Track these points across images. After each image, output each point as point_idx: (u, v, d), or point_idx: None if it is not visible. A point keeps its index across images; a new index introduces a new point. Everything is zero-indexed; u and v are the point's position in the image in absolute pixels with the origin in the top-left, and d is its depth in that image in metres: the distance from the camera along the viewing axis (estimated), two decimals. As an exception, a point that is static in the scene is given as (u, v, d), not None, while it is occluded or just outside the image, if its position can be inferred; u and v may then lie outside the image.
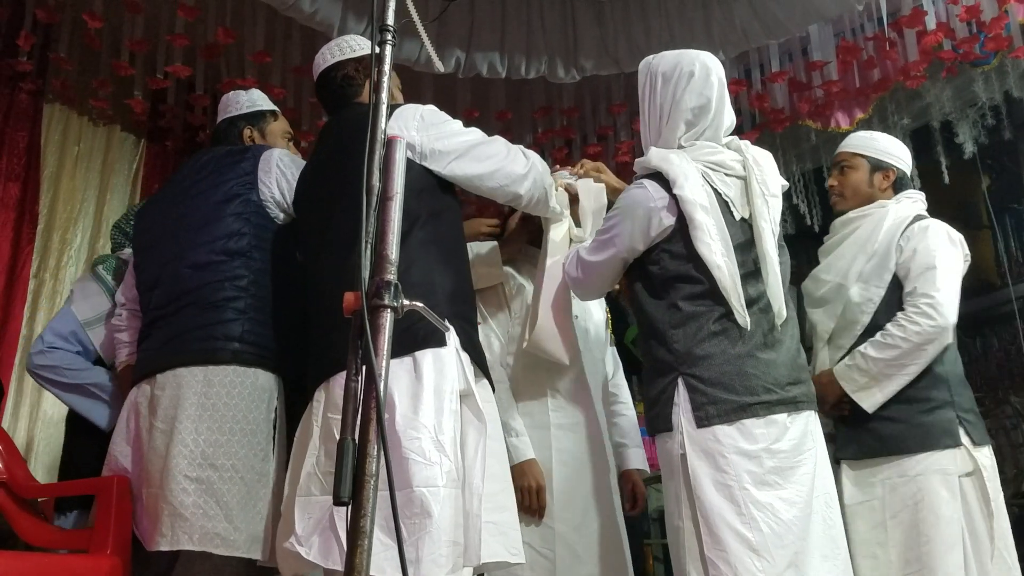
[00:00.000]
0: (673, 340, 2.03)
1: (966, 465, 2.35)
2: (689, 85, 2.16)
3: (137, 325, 2.37)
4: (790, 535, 1.89)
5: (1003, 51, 3.55)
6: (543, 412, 2.41)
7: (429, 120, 2.04)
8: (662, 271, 2.08)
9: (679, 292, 2.05)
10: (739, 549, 1.85)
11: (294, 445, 1.96)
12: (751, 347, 2.01)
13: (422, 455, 1.72)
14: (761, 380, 1.97)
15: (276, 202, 2.29)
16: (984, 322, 4.67)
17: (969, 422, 2.40)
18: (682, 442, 1.95)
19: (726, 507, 1.88)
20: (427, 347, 1.82)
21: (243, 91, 2.61)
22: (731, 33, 3.79)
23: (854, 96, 3.93)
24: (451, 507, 1.71)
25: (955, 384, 2.44)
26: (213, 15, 3.65)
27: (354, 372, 1.21)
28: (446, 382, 1.81)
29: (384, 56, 1.37)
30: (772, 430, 1.95)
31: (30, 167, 3.77)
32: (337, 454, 1.17)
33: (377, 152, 1.31)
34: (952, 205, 4.69)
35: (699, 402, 1.96)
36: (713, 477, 1.91)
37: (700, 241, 2.01)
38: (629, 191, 2.18)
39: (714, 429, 1.93)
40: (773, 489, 1.91)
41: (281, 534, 1.86)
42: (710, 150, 2.15)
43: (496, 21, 3.85)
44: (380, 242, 1.26)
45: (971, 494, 2.35)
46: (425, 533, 1.66)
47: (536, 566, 2.26)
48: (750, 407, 1.95)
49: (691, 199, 2.03)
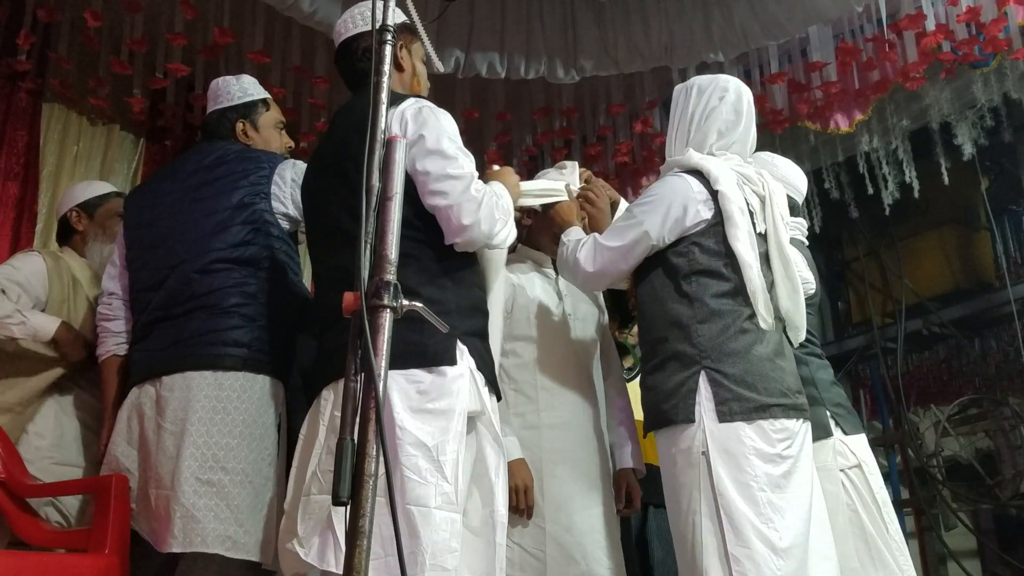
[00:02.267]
0: (698, 334, 2.06)
1: (847, 459, 2.43)
2: (724, 99, 2.29)
3: (128, 317, 2.32)
4: (798, 537, 1.94)
5: (1002, 53, 3.55)
6: (534, 412, 2.41)
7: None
8: (690, 264, 2.13)
9: (706, 288, 2.10)
10: (762, 548, 1.89)
11: (300, 444, 1.94)
12: (770, 352, 2.08)
13: (417, 473, 1.68)
14: (779, 384, 2.04)
15: (287, 215, 2.28)
16: (983, 323, 4.68)
17: (839, 415, 2.48)
18: (703, 439, 1.98)
19: (747, 507, 1.92)
20: (439, 364, 1.77)
21: (234, 78, 2.53)
22: (730, 34, 3.79)
23: (853, 97, 3.93)
24: (445, 531, 1.66)
25: (822, 386, 2.51)
26: (212, 14, 3.65)
27: (353, 372, 1.21)
28: (455, 403, 1.76)
29: (384, 56, 1.37)
30: (784, 434, 2.01)
31: (29, 166, 3.77)
32: (336, 454, 1.18)
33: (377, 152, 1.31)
34: (951, 206, 4.70)
35: (723, 397, 2.00)
36: (735, 476, 1.95)
37: (737, 239, 2.08)
38: (667, 180, 2.23)
39: (736, 426, 1.98)
40: (783, 492, 1.96)
41: (284, 534, 1.86)
42: (738, 163, 2.25)
43: (496, 21, 3.85)
44: (379, 242, 1.26)
45: (860, 486, 2.41)
46: (408, 553, 1.62)
47: (527, 567, 2.27)
48: (769, 408, 2.00)
49: (732, 197, 2.11)
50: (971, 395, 4.70)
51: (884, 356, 4.94)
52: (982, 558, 4.56)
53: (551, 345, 2.50)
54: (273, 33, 3.81)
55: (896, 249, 4.96)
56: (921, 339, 4.88)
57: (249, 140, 2.45)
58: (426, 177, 1.83)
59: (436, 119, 1.89)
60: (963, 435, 4.73)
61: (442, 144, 1.85)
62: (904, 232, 4.93)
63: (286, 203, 2.28)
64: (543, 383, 2.44)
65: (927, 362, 4.99)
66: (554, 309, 2.55)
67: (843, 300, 5.36)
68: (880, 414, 4.98)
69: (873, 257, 5.12)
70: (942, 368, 4.90)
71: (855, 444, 2.47)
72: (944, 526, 4.65)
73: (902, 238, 4.95)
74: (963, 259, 4.76)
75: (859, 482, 2.42)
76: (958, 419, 4.73)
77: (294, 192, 2.27)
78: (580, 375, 2.50)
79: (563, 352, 2.50)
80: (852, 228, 5.07)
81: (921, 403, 4.94)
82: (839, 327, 5.34)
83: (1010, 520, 4.45)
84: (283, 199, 2.28)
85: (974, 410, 4.73)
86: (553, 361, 2.48)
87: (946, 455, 4.70)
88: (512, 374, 2.45)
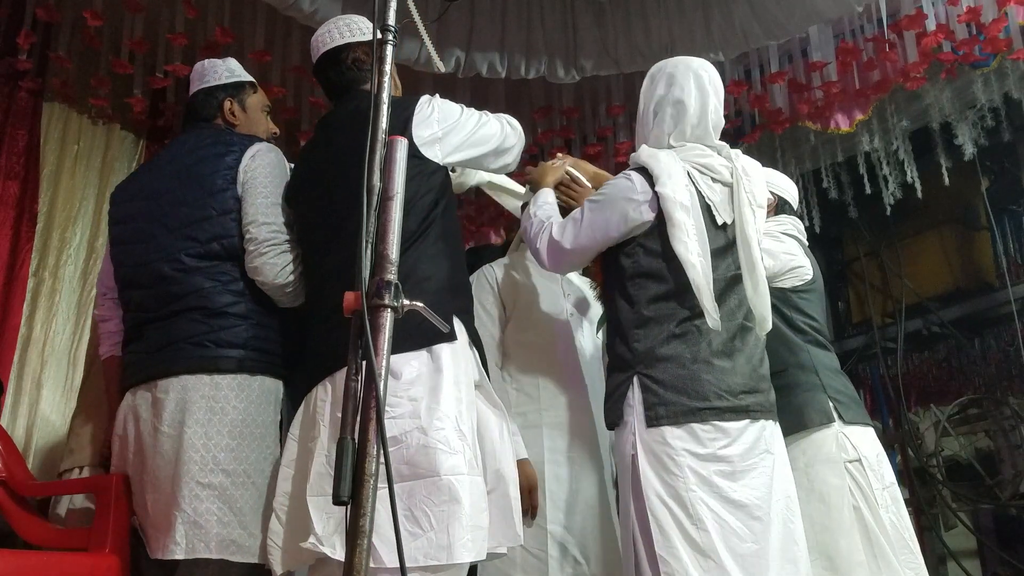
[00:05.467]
0: (634, 339, 2.08)
1: (847, 452, 2.39)
2: (672, 86, 2.24)
3: (121, 315, 2.30)
4: (741, 539, 1.92)
5: (1002, 53, 3.54)
6: (535, 412, 2.42)
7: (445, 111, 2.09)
8: (634, 265, 2.13)
9: (646, 291, 2.10)
10: (686, 548, 1.89)
11: (297, 442, 1.95)
12: (709, 353, 2.05)
13: (447, 444, 1.76)
14: (714, 387, 2.02)
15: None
16: (983, 323, 4.68)
17: (840, 403, 2.44)
18: (633, 441, 2.00)
19: (674, 506, 1.93)
20: (442, 341, 1.85)
21: (220, 60, 2.48)
22: (731, 34, 3.78)
23: (854, 97, 3.93)
24: (475, 493, 1.77)
25: (824, 372, 2.47)
26: (213, 14, 3.65)
27: (354, 372, 1.21)
28: (463, 374, 1.87)
29: (385, 56, 1.37)
30: (720, 435, 1.99)
31: (29, 165, 3.76)
32: (336, 454, 1.18)
33: (378, 152, 1.31)
34: (951, 206, 4.70)
35: (651, 402, 2.01)
36: (661, 477, 1.95)
37: (677, 239, 2.05)
38: (616, 180, 2.22)
39: (663, 430, 1.98)
40: (721, 492, 1.95)
41: (293, 533, 1.86)
42: (699, 152, 2.19)
43: (496, 21, 3.85)
44: (380, 241, 1.26)
45: (860, 480, 2.39)
46: (455, 519, 1.71)
47: (528, 566, 2.27)
48: (699, 412, 2.00)
49: (672, 197, 2.07)
50: (971, 395, 4.70)
51: (884, 356, 4.94)
52: (982, 558, 4.56)
53: (553, 344, 2.50)
54: (273, 33, 3.80)
55: (896, 249, 4.96)
56: (921, 339, 4.88)
57: (235, 120, 2.38)
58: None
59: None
60: (963, 435, 4.73)
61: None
62: (904, 232, 4.93)
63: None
64: (545, 382, 2.44)
65: (927, 362, 4.99)
66: (556, 308, 2.55)
67: (843, 300, 5.36)
68: (880, 414, 4.98)
69: (873, 257, 5.12)
70: (942, 368, 4.90)
71: (857, 436, 2.43)
72: (944, 526, 4.65)
73: (902, 238, 4.95)
74: (963, 259, 4.76)
75: (859, 476, 2.39)
76: (958, 419, 4.73)
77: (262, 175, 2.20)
78: (582, 375, 2.50)
79: (565, 351, 2.50)
80: (852, 228, 5.07)
81: (921, 403, 4.94)
82: (839, 327, 5.34)
83: (1010, 520, 4.45)
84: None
85: (974, 410, 4.73)
86: (555, 360, 2.48)
87: (946, 455, 4.70)
88: (514, 373, 2.45)
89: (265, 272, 2.09)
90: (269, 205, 2.15)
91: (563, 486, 2.36)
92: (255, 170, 2.18)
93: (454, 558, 1.69)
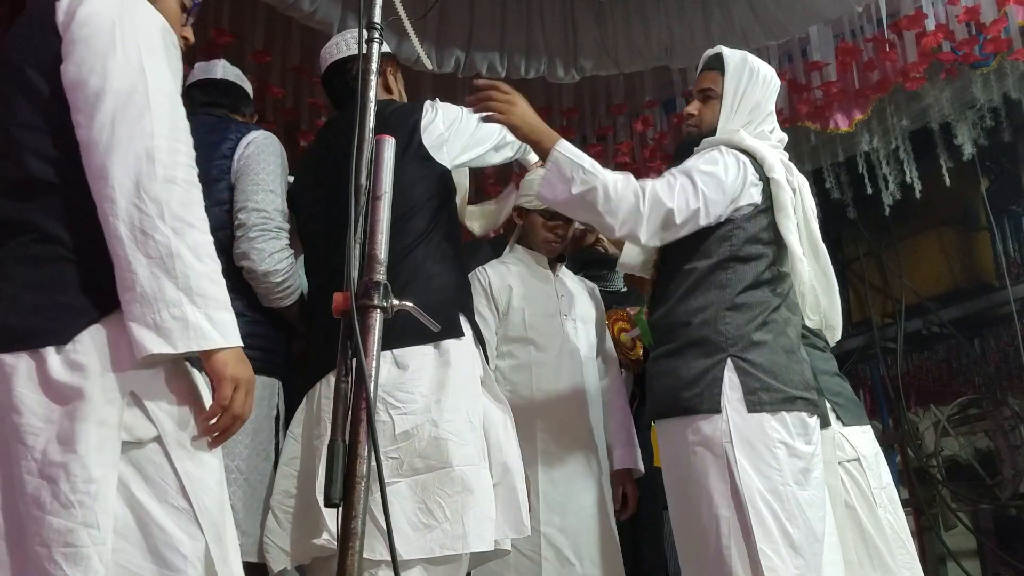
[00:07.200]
0: (725, 322, 2.00)
1: (844, 451, 2.38)
2: (773, 90, 2.27)
3: None
4: (815, 536, 1.91)
5: (1002, 53, 3.53)
6: (529, 413, 2.41)
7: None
8: (731, 249, 2.05)
9: (742, 276, 2.03)
10: (785, 544, 1.85)
11: (299, 440, 1.96)
12: (792, 345, 2.03)
13: (459, 436, 1.80)
14: (801, 377, 2.01)
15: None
16: (982, 324, 4.67)
17: (839, 405, 2.43)
18: (727, 429, 1.91)
19: (773, 501, 1.87)
20: (449, 337, 1.90)
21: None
22: (730, 34, 3.78)
23: (853, 97, 3.92)
24: (486, 483, 1.82)
25: (821, 376, 2.42)
26: (212, 14, 3.65)
27: (344, 373, 1.22)
28: (470, 369, 1.92)
29: (371, 54, 1.37)
30: (806, 429, 1.98)
31: (29, 165, 3.76)
32: (327, 456, 1.18)
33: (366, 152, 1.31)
34: (951, 207, 4.69)
35: (751, 387, 1.94)
36: (759, 469, 1.90)
37: (787, 228, 2.04)
38: (725, 157, 2.08)
39: (762, 417, 1.92)
40: (803, 489, 1.92)
41: (299, 531, 1.87)
42: (781, 152, 2.22)
43: (496, 21, 3.85)
44: (369, 242, 1.26)
45: (859, 479, 2.39)
46: (469, 509, 1.75)
47: (522, 568, 2.27)
48: (796, 400, 1.96)
49: (784, 185, 2.06)
50: (971, 395, 4.69)
51: (884, 356, 4.93)
52: (982, 558, 4.56)
53: (547, 346, 2.50)
54: (273, 33, 3.80)
55: (896, 249, 4.95)
56: (921, 339, 4.87)
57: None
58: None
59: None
60: (963, 435, 4.72)
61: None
62: (904, 232, 4.92)
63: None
64: (539, 384, 2.44)
65: (927, 362, 4.98)
66: (550, 310, 2.55)
67: (843, 300, 5.33)
68: (880, 414, 4.97)
69: (873, 257, 5.11)
70: (942, 368, 4.90)
71: (855, 437, 2.44)
72: (944, 526, 4.64)
73: (902, 238, 4.94)
74: (963, 259, 4.74)
75: (858, 476, 2.39)
76: (958, 419, 4.73)
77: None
78: (576, 376, 2.51)
79: (559, 353, 2.50)
80: (852, 228, 5.06)
81: (921, 403, 4.93)
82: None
83: (1010, 520, 4.45)
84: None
85: (974, 410, 4.73)
86: (549, 362, 2.48)
87: (946, 455, 4.69)
88: (508, 375, 2.45)
89: (252, 256, 2.06)
90: (260, 192, 2.12)
91: (557, 487, 2.36)
92: (248, 158, 2.16)
93: (470, 547, 1.73)
